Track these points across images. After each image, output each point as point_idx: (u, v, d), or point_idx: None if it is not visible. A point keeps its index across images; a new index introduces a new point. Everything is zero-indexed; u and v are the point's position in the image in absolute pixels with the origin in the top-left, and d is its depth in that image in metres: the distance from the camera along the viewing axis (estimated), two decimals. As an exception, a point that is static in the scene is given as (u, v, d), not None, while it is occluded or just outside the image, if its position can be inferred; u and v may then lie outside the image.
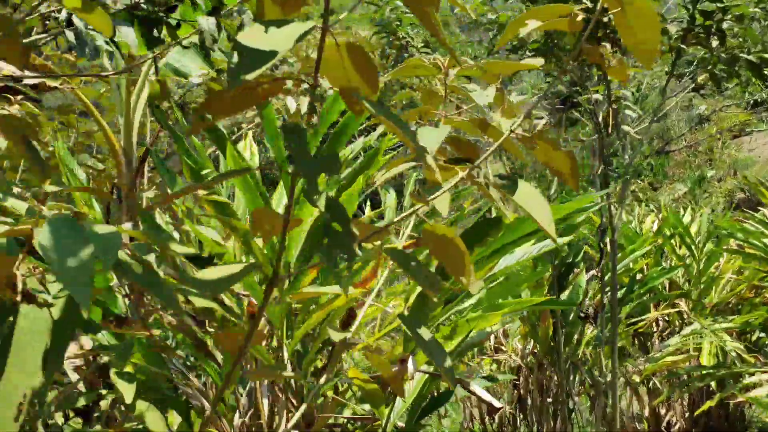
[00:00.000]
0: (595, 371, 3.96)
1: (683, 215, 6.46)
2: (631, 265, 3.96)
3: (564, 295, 3.73)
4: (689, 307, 5.35)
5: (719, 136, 16.47)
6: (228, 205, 1.81)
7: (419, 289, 1.83)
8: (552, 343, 3.69)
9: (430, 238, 1.11)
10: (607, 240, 3.59)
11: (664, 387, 4.48)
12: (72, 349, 1.51)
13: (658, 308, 4.79)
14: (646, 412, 4.72)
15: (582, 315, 3.55)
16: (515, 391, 4.07)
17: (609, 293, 3.58)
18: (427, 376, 2.02)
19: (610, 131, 3.26)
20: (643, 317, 4.20)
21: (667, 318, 5.20)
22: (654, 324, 4.95)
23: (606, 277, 3.83)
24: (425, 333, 1.16)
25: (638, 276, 4.38)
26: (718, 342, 3.79)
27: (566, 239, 2.10)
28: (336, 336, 1.50)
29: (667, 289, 5.48)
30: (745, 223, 4.53)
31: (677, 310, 4.54)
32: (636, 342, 5.21)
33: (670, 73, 4.23)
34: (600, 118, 3.40)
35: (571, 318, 3.77)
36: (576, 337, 3.84)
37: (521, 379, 3.98)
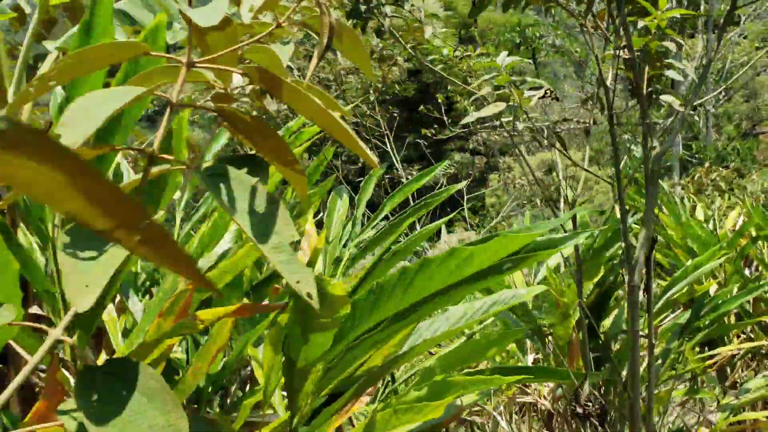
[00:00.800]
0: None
1: (771, 211, 5.37)
2: (692, 285, 3.01)
3: (605, 325, 2.85)
4: (780, 325, 4.32)
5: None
6: None
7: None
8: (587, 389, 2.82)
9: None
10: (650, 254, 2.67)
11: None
12: None
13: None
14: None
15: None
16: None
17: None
18: None
19: (648, 101, 2.34)
20: (713, 352, 3.25)
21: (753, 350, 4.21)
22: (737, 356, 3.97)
23: (665, 302, 2.92)
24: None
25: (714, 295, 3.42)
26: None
27: (534, 291, 1.28)
28: None
29: (752, 305, 4.47)
30: None
31: (756, 344, 3.55)
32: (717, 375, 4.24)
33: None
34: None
35: (618, 348, 2.89)
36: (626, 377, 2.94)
37: None
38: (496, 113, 1.74)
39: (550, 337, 2.69)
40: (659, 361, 3.05)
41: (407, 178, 7.93)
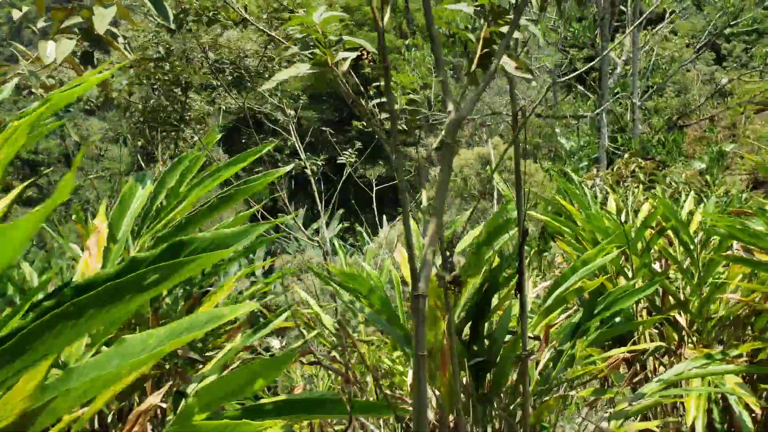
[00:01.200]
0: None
1: (683, 202, 5.24)
2: (579, 282, 2.76)
3: (487, 329, 2.58)
4: (687, 320, 4.17)
5: (741, 109, 15.05)
6: None
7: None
8: (465, 395, 2.54)
9: None
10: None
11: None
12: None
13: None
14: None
15: None
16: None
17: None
18: None
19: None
20: (607, 354, 3.01)
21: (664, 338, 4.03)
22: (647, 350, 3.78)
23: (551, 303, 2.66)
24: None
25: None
26: (713, 393, 2.63)
27: (240, 309, 0.97)
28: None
29: (661, 299, 4.29)
30: (751, 217, 3.32)
31: (645, 347, 3.34)
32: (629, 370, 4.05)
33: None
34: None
35: (499, 358, 2.62)
36: (510, 383, 2.68)
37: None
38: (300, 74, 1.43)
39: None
40: (551, 365, 2.81)
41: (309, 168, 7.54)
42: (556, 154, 19.14)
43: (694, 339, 4.16)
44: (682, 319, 4.12)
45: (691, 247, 3.98)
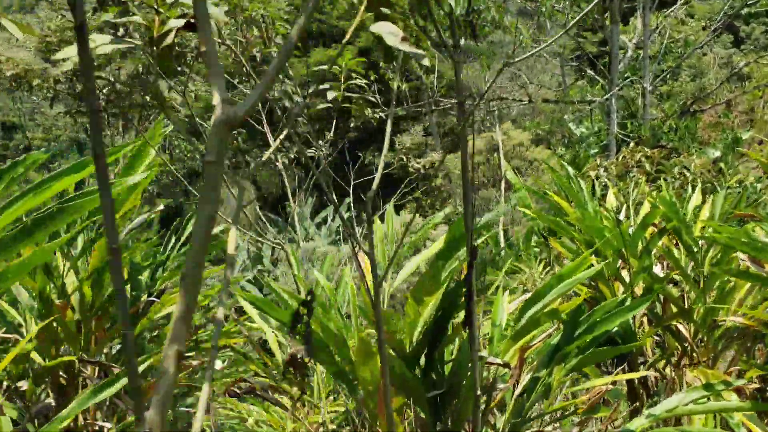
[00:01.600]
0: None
1: (689, 196, 4.80)
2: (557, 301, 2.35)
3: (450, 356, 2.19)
4: (691, 331, 3.76)
5: (760, 93, 14.44)
6: None
7: None
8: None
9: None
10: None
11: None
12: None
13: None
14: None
15: None
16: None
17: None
18: None
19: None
20: (586, 386, 2.61)
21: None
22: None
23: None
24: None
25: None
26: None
27: None
28: None
29: (661, 306, 3.88)
30: (760, 223, 2.89)
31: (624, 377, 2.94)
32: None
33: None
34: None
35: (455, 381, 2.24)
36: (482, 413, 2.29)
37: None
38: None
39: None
40: (524, 395, 2.42)
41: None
42: (570, 141, 18.60)
43: (699, 351, 3.76)
44: (684, 329, 3.72)
45: (695, 249, 3.56)
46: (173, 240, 3.72)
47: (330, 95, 2.68)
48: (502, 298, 2.65)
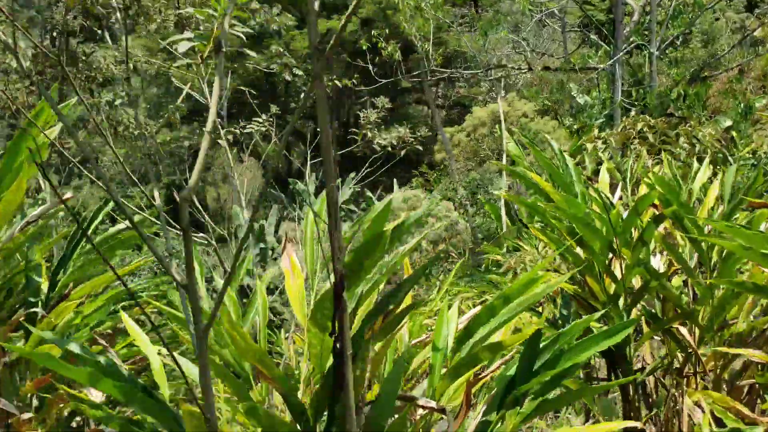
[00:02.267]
0: None
1: (695, 172, 4.17)
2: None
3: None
4: (696, 336, 3.16)
5: (774, 57, 13.64)
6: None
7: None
8: None
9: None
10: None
11: None
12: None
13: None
14: None
15: None
16: None
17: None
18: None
19: None
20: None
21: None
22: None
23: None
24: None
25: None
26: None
27: None
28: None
29: (661, 307, 3.29)
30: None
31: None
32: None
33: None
34: None
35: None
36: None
37: None
38: None
39: None
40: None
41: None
42: (577, 110, 17.85)
43: (704, 358, 3.17)
44: (687, 333, 3.12)
45: (700, 239, 2.95)
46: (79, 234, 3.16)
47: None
48: (449, 312, 2.06)
